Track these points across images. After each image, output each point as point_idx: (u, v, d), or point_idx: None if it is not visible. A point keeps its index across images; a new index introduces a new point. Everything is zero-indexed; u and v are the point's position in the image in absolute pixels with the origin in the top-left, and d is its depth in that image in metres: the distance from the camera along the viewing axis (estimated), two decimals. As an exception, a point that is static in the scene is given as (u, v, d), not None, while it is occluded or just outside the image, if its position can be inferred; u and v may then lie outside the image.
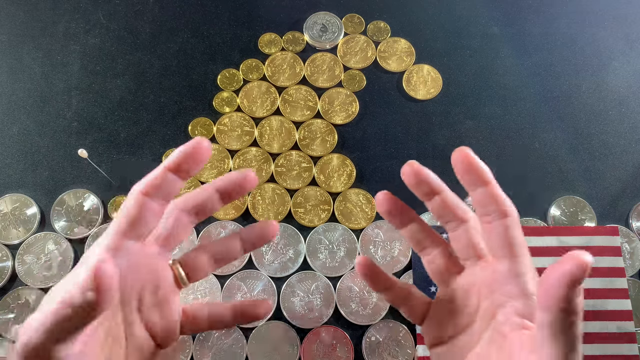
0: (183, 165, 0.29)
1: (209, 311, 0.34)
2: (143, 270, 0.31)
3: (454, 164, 0.30)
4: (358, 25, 0.60)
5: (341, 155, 0.54)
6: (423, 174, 0.31)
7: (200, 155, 0.29)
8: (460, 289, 0.32)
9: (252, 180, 0.32)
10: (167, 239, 0.32)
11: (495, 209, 0.29)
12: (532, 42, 0.60)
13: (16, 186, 0.52)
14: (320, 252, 0.50)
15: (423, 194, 0.32)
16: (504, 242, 0.29)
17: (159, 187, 0.29)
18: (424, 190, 0.32)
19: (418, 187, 0.31)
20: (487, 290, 0.30)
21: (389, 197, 0.33)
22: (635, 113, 0.57)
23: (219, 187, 0.32)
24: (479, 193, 0.30)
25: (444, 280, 0.33)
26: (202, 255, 0.34)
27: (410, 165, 0.31)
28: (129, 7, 0.60)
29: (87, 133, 0.54)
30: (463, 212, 0.32)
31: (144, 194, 0.29)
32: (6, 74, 0.56)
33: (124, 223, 0.29)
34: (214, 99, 0.56)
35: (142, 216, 0.29)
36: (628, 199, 0.53)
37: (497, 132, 0.56)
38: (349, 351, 0.47)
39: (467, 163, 0.29)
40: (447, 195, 0.32)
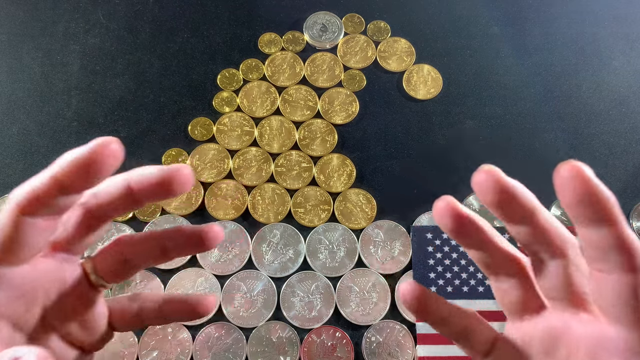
0: (76, 179, 0.21)
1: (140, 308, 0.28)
2: (38, 292, 0.24)
3: (562, 186, 0.20)
4: (358, 25, 0.60)
5: (341, 155, 0.54)
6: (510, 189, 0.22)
7: (103, 165, 0.21)
8: (542, 335, 0.25)
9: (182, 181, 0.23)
10: (71, 244, 0.25)
11: (620, 260, 0.21)
12: (532, 42, 0.60)
13: (16, 186, 0.52)
14: (320, 252, 0.50)
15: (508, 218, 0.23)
16: (625, 304, 0.21)
17: (42, 202, 0.22)
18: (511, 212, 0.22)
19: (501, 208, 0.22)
20: (587, 354, 0.23)
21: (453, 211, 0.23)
22: (635, 113, 0.56)
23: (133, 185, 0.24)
24: (597, 234, 0.21)
25: (518, 316, 0.26)
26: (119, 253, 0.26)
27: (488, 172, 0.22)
28: (128, 7, 0.60)
29: (87, 133, 0.54)
30: (562, 240, 0.23)
31: (22, 212, 0.22)
32: (6, 74, 0.56)
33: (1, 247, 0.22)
34: (214, 98, 0.56)
35: (20, 238, 0.22)
36: (628, 199, 0.53)
37: (497, 132, 0.55)
38: (349, 351, 0.47)
39: (586, 190, 0.20)
40: (543, 218, 0.23)
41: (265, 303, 0.48)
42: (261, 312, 0.48)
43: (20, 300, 0.24)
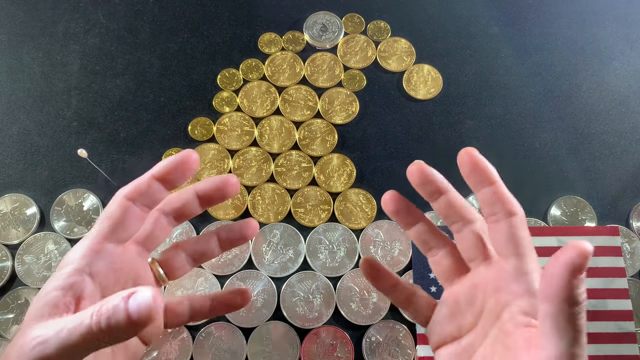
0: (170, 175, 0.30)
1: (190, 305, 0.36)
2: (123, 273, 0.31)
3: (460, 163, 0.30)
4: (358, 25, 0.60)
5: (341, 155, 0.54)
6: (429, 174, 0.31)
7: (188, 167, 0.30)
8: (465, 290, 0.32)
9: (233, 186, 0.33)
10: (147, 240, 0.33)
11: (501, 208, 0.29)
12: (532, 41, 0.60)
13: (16, 186, 0.52)
14: (320, 252, 0.50)
15: (428, 194, 0.32)
16: (510, 240, 0.29)
17: (144, 193, 0.30)
18: (430, 190, 0.31)
19: (423, 186, 0.31)
20: (493, 289, 0.30)
21: (395, 197, 0.34)
22: (635, 113, 0.56)
23: (199, 191, 0.33)
24: (485, 193, 0.30)
25: (449, 281, 0.33)
26: (179, 253, 0.35)
27: (416, 164, 0.31)
28: (128, 7, 0.60)
29: (86, 133, 0.54)
30: (469, 212, 0.32)
31: (128, 199, 0.30)
32: (6, 74, 0.56)
33: (107, 226, 0.30)
34: (214, 98, 0.56)
35: (125, 221, 0.30)
36: (628, 199, 0.53)
37: (497, 132, 0.55)
38: (349, 351, 0.47)
39: (473, 163, 0.29)
40: (452, 195, 0.32)
41: (265, 303, 0.48)
42: (261, 312, 0.48)
43: (113, 274, 0.30)
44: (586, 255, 0.23)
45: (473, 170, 0.29)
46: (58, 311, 0.27)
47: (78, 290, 0.28)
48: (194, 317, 0.36)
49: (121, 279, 0.31)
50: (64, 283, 0.28)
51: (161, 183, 0.30)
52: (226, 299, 0.37)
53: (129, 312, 0.23)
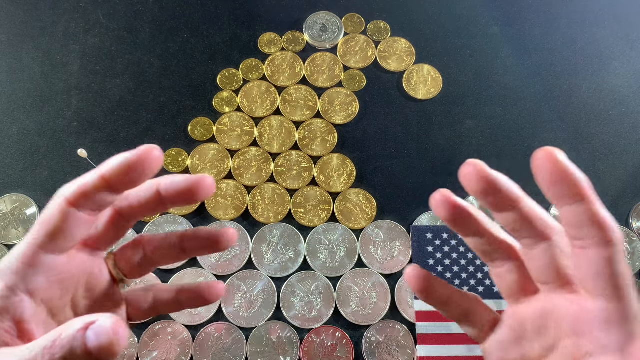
0: (123, 178, 0.24)
1: (154, 297, 0.31)
2: (72, 281, 0.27)
3: (538, 169, 0.23)
4: (358, 25, 0.60)
5: (341, 155, 0.54)
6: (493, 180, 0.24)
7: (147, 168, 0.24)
8: (534, 315, 0.26)
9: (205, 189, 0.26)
10: (100, 240, 0.28)
11: (593, 234, 0.23)
12: (532, 42, 0.60)
13: (16, 186, 0.52)
14: (320, 252, 0.50)
15: (493, 207, 0.25)
16: (601, 276, 0.23)
17: (89, 197, 0.24)
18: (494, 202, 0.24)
19: (485, 197, 0.24)
20: (572, 330, 0.24)
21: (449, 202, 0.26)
22: (635, 113, 0.57)
23: (163, 190, 0.26)
24: (572, 211, 0.23)
25: (515, 299, 0.28)
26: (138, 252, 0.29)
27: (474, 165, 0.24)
28: (128, 7, 0.60)
29: (86, 133, 0.54)
30: (545, 226, 0.25)
31: (70, 204, 0.24)
32: (6, 74, 0.56)
33: (42, 235, 0.25)
34: (214, 98, 0.56)
35: (66, 228, 0.25)
36: (628, 199, 0.53)
37: (497, 132, 0.55)
38: (349, 351, 0.47)
39: (558, 170, 0.23)
40: (527, 206, 0.25)
41: (265, 303, 0.48)
42: (261, 312, 0.48)
43: (57, 286, 0.26)
44: None
45: (557, 180, 0.23)
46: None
47: (17, 313, 0.24)
48: (159, 310, 0.31)
49: (69, 287, 0.27)
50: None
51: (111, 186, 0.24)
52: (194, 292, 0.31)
53: (87, 347, 0.21)
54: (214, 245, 0.28)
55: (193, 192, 0.26)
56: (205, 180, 0.25)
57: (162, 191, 0.26)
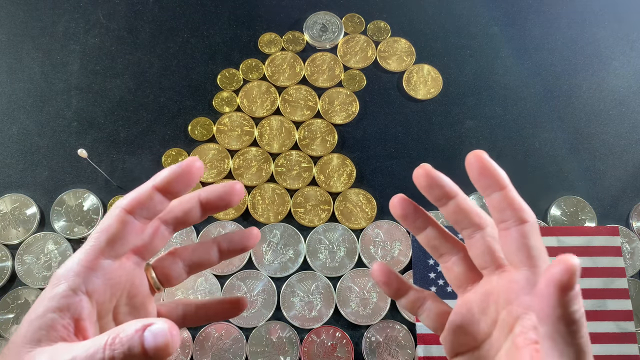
0: (173, 186, 0.28)
1: (184, 311, 0.34)
2: (119, 287, 0.30)
3: (468, 167, 0.28)
4: (358, 25, 0.60)
5: (341, 155, 0.54)
6: (436, 177, 0.30)
7: (192, 176, 0.28)
8: (479, 298, 0.31)
9: (239, 194, 0.31)
10: (144, 250, 0.31)
11: (512, 215, 0.28)
12: (532, 42, 0.60)
13: (16, 186, 0.52)
14: (320, 252, 0.50)
15: (436, 198, 0.30)
16: (521, 250, 0.27)
17: (144, 206, 0.28)
18: (437, 194, 0.30)
19: (431, 190, 0.30)
20: (505, 300, 0.28)
21: (403, 201, 0.32)
22: (635, 113, 0.56)
23: (203, 199, 0.31)
24: (495, 198, 0.28)
25: (462, 288, 0.32)
26: (176, 261, 0.33)
27: (423, 167, 0.30)
28: (128, 7, 0.60)
29: (86, 133, 0.54)
30: (479, 217, 0.30)
31: (128, 212, 0.28)
32: (6, 74, 0.56)
33: (103, 241, 0.28)
34: (214, 98, 0.56)
35: (123, 235, 0.28)
36: (628, 199, 0.53)
37: (497, 132, 0.55)
38: (349, 351, 0.47)
39: (482, 166, 0.28)
40: (462, 199, 0.30)
41: (265, 303, 0.48)
42: (261, 312, 0.48)
43: (109, 290, 0.29)
44: (573, 272, 0.22)
45: (482, 174, 0.28)
46: (57, 335, 0.25)
47: (76, 312, 0.26)
48: (187, 323, 0.35)
49: (117, 292, 0.30)
50: (59, 304, 0.26)
51: (162, 194, 0.28)
52: (221, 307, 0.35)
53: (144, 347, 0.23)
54: (245, 245, 0.33)
55: (227, 197, 0.30)
56: (236, 187, 0.30)
57: (203, 199, 0.31)
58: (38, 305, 0.26)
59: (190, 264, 0.33)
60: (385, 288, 0.34)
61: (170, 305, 0.34)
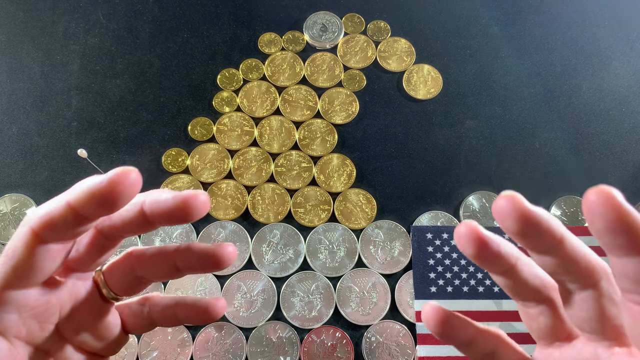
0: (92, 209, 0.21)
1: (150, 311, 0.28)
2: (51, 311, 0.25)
3: (592, 213, 0.19)
4: (358, 25, 0.60)
5: (341, 155, 0.54)
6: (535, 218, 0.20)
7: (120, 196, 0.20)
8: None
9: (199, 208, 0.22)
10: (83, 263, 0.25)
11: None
12: (532, 42, 0.60)
13: (16, 186, 0.52)
14: (320, 252, 0.50)
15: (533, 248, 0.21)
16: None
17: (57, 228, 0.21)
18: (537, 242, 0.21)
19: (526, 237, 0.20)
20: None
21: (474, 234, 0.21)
22: (635, 113, 0.56)
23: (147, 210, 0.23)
24: (632, 265, 0.19)
25: (546, 342, 0.25)
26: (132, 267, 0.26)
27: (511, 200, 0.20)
28: (128, 7, 0.60)
29: (86, 133, 0.54)
30: (591, 270, 0.22)
31: (37, 234, 0.21)
32: (5, 74, 0.56)
33: (9, 272, 0.22)
34: (214, 98, 0.56)
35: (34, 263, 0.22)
36: (628, 199, 0.53)
37: (497, 132, 0.55)
38: (349, 351, 0.47)
39: (618, 217, 0.18)
40: (569, 245, 0.21)
41: (265, 303, 0.48)
42: (261, 312, 0.48)
43: (34, 320, 0.24)
44: None
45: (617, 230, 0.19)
46: None
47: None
48: (157, 323, 0.28)
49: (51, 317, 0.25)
50: None
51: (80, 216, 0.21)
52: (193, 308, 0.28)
53: None
54: (212, 264, 0.24)
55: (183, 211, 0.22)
56: (198, 198, 0.22)
57: (147, 211, 0.22)
58: None
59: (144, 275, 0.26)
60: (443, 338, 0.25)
61: (133, 306, 0.28)
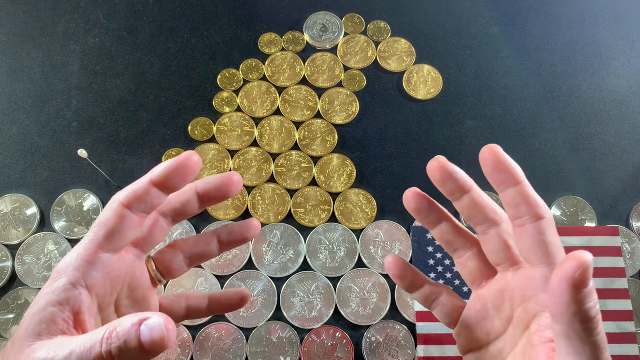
0: (169, 180, 0.28)
1: (187, 304, 0.35)
2: (119, 279, 0.30)
3: (482, 161, 0.27)
4: (358, 25, 0.60)
5: (341, 155, 0.54)
6: (450, 170, 0.29)
7: (188, 170, 0.28)
8: (493, 294, 0.30)
9: (236, 185, 0.31)
10: (144, 243, 0.31)
11: (527, 211, 0.27)
12: (532, 42, 0.60)
13: (16, 186, 0.52)
14: (320, 252, 0.50)
15: (450, 192, 0.29)
16: (537, 246, 0.27)
17: (141, 200, 0.28)
18: (451, 187, 0.29)
19: (444, 184, 0.29)
20: (521, 297, 0.28)
21: (417, 194, 0.31)
22: (635, 113, 0.56)
23: (200, 190, 0.31)
24: (510, 193, 0.27)
25: (476, 284, 0.32)
26: (176, 253, 0.33)
27: (437, 160, 0.29)
28: (128, 7, 0.60)
29: (86, 133, 0.54)
30: (494, 213, 0.29)
31: (125, 206, 0.28)
32: (6, 74, 0.56)
33: (102, 235, 0.28)
34: (214, 98, 0.56)
35: (121, 229, 0.28)
36: (628, 199, 0.53)
37: (497, 132, 0.55)
38: (349, 351, 0.47)
39: (497, 160, 0.27)
40: (476, 193, 0.29)
41: (265, 303, 0.48)
42: (261, 312, 0.48)
43: (109, 283, 0.29)
44: (586, 267, 0.21)
45: (496, 168, 0.27)
46: (57, 328, 0.26)
47: (75, 305, 0.27)
48: (190, 316, 0.36)
49: (117, 285, 0.30)
50: (59, 298, 0.27)
51: (159, 188, 0.28)
52: (224, 299, 0.36)
53: (140, 340, 0.23)
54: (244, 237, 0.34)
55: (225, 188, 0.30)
56: (233, 177, 0.30)
57: (200, 191, 0.31)
58: (39, 299, 0.27)
59: (190, 256, 0.33)
60: (399, 281, 0.33)
61: (172, 299, 0.35)
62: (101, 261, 0.28)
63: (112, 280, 0.29)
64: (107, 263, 0.29)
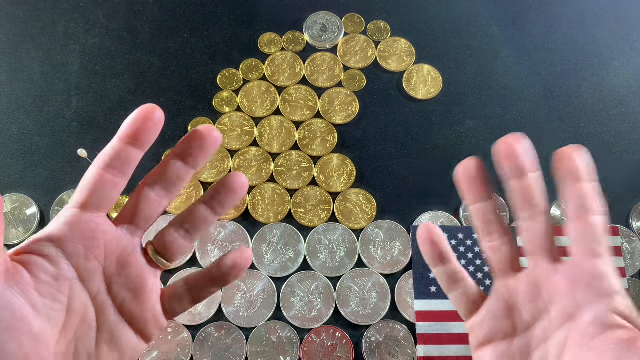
0: (136, 133, 0.29)
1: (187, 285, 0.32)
2: (97, 244, 0.29)
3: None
4: (358, 25, 0.60)
5: (341, 155, 0.54)
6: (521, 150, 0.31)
7: (151, 122, 0.29)
8: (525, 287, 0.30)
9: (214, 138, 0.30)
10: (133, 216, 0.30)
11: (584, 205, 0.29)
12: (532, 42, 0.60)
13: (16, 186, 0.52)
14: (320, 252, 0.50)
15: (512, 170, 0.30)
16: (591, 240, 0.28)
17: (114, 158, 0.29)
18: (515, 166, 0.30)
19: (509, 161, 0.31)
20: (567, 290, 0.29)
21: (478, 164, 0.31)
22: (635, 113, 0.57)
23: (176, 152, 0.30)
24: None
25: (504, 273, 0.32)
26: (170, 231, 0.32)
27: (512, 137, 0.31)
28: (128, 7, 0.60)
29: (86, 133, 0.54)
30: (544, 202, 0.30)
31: (99, 168, 0.29)
32: (6, 74, 0.56)
33: (79, 195, 0.29)
34: (214, 98, 0.56)
35: (97, 188, 0.29)
36: (628, 199, 0.53)
37: (497, 132, 0.55)
38: (349, 351, 0.47)
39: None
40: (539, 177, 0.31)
41: (265, 303, 0.48)
42: (261, 312, 0.48)
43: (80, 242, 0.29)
44: None
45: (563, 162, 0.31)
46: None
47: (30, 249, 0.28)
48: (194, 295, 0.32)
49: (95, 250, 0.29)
50: None
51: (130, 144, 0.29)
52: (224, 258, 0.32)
53: None
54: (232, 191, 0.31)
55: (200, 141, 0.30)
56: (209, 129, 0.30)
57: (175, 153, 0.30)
58: None
59: (186, 227, 0.32)
60: (429, 248, 0.33)
61: (173, 286, 0.33)
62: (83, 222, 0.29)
63: (96, 245, 0.29)
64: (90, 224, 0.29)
